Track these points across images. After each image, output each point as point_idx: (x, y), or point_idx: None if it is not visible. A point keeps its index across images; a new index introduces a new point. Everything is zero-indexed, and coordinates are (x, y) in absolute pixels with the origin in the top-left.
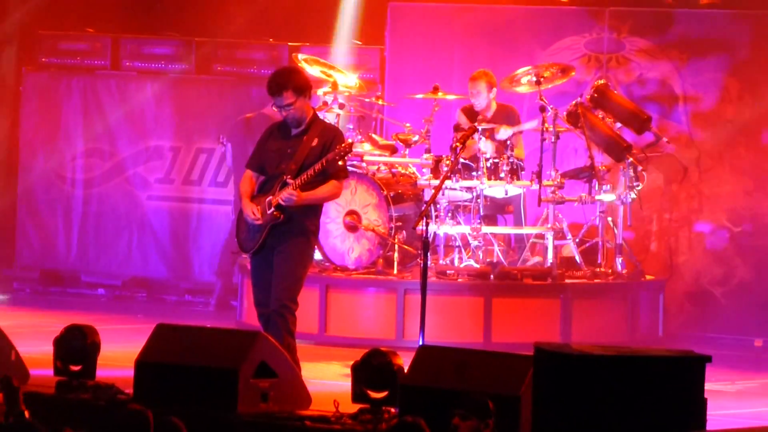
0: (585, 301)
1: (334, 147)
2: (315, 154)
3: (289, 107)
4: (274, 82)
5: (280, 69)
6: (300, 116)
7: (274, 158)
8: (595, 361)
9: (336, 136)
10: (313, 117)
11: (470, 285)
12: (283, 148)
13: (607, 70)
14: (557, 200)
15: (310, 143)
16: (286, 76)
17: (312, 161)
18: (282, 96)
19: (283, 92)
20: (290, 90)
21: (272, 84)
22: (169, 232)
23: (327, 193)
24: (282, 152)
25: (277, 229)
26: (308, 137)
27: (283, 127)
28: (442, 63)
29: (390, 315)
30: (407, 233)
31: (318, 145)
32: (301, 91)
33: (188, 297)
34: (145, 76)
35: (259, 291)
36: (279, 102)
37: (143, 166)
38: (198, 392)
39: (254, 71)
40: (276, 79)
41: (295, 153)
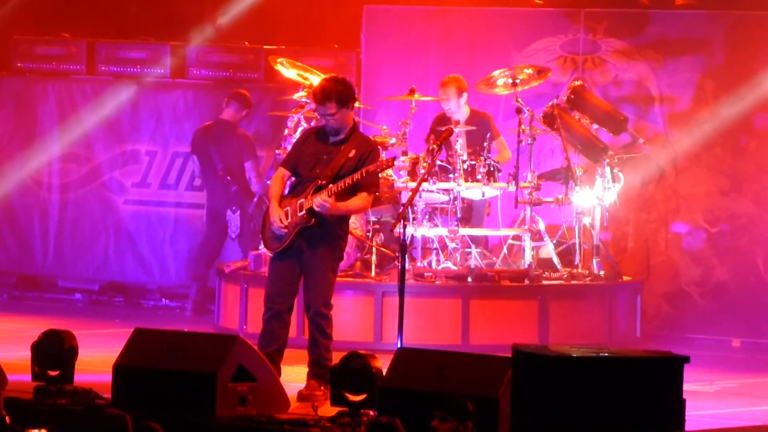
0: (563, 303)
1: (370, 160)
2: (351, 164)
3: (330, 117)
4: (320, 91)
5: (327, 78)
6: (339, 126)
7: (309, 161)
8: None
9: (373, 150)
10: (353, 128)
11: (448, 287)
12: (320, 153)
13: (583, 71)
14: (534, 202)
15: (347, 153)
16: (332, 86)
17: (347, 171)
18: (325, 106)
19: (327, 102)
20: (334, 101)
21: (318, 93)
22: (145, 237)
23: (359, 206)
24: (318, 157)
25: (307, 232)
26: (346, 147)
27: (322, 133)
28: (418, 65)
29: (368, 318)
30: (385, 236)
31: (355, 157)
32: (345, 102)
33: (166, 301)
34: (121, 81)
35: (276, 288)
36: (322, 111)
37: (119, 171)
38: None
39: (230, 75)
40: (322, 88)
41: (331, 160)
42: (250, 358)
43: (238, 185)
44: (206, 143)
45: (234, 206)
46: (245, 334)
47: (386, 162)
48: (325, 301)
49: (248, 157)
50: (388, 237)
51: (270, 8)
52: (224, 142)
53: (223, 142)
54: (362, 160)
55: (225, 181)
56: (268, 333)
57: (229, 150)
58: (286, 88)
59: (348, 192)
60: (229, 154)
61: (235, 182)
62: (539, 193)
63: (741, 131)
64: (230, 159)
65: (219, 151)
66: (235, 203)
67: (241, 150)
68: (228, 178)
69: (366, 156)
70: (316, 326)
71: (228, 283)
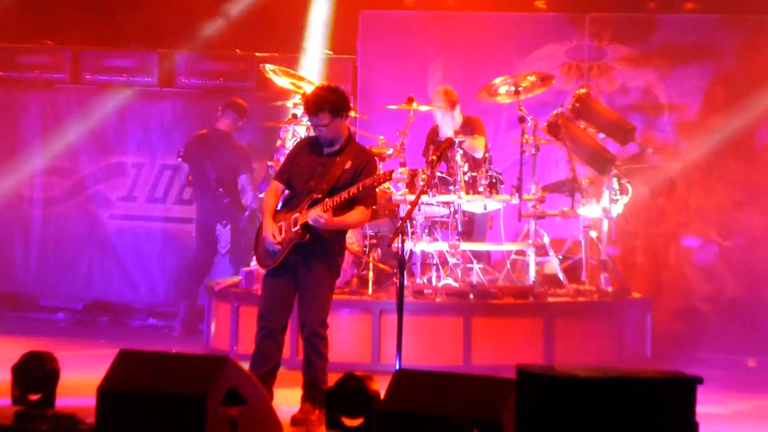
0: (569, 321)
1: (366, 172)
2: (347, 177)
3: (324, 127)
4: (313, 101)
5: (319, 88)
6: (333, 136)
7: (304, 174)
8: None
9: (370, 162)
10: (348, 138)
11: (449, 305)
12: (314, 165)
13: (589, 78)
14: (538, 215)
15: (343, 165)
16: (324, 96)
17: (343, 184)
18: (318, 116)
19: (320, 113)
20: (327, 111)
21: (310, 103)
22: (132, 253)
23: (356, 221)
24: (312, 169)
25: (302, 248)
26: (342, 158)
27: (316, 144)
28: (416, 73)
29: (365, 337)
30: (382, 251)
31: (351, 168)
32: (338, 112)
33: (153, 321)
34: (107, 90)
35: (269, 306)
36: (314, 121)
37: (105, 184)
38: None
39: (221, 83)
40: (314, 98)
41: (326, 172)
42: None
43: (230, 198)
44: (200, 152)
45: (225, 220)
46: (236, 355)
47: (384, 175)
48: (321, 320)
49: (244, 169)
50: (386, 252)
51: (262, 14)
52: (219, 153)
53: (218, 152)
54: (358, 172)
55: (217, 193)
56: (260, 354)
57: (224, 161)
58: (279, 98)
59: (345, 206)
60: (224, 166)
61: (228, 195)
62: (544, 205)
63: (754, 140)
64: (224, 170)
65: (213, 161)
66: (226, 217)
67: (236, 161)
68: (220, 190)
69: (362, 167)
70: (312, 346)
71: (218, 301)
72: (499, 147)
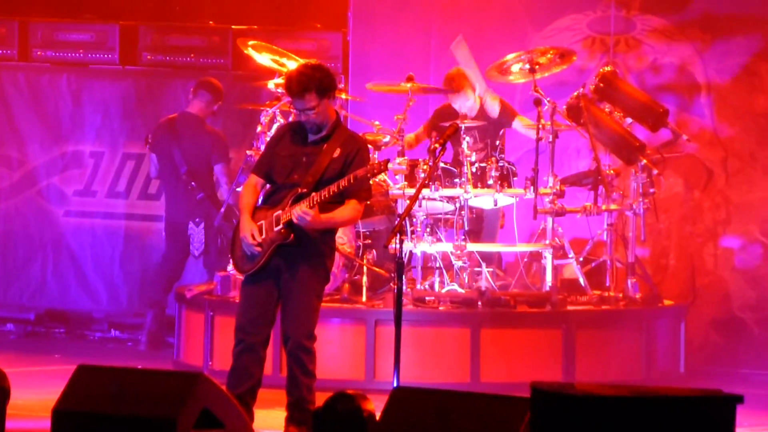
0: (591, 332)
1: (358, 161)
2: (335, 167)
3: (310, 111)
4: (296, 81)
5: (302, 66)
6: (322, 121)
7: (286, 166)
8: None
9: (361, 149)
10: (336, 122)
11: (454, 314)
12: (297, 156)
13: (615, 54)
14: (557, 211)
15: (331, 153)
16: (309, 74)
17: (331, 175)
18: (303, 98)
19: (305, 94)
20: (314, 91)
21: (293, 84)
22: (91, 255)
23: (346, 217)
24: (296, 160)
25: (285, 250)
26: (329, 146)
27: (300, 130)
28: (416, 49)
29: (358, 350)
30: (378, 253)
31: (340, 157)
32: (326, 91)
33: (115, 332)
34: (61, 68)
35: (248, 316)
36: (300, 105)
37: (59, 176)
38: None
39: (192, 60)
40: (298, 77)
41: (312, 163)
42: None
43: (204, 192)
44: (169, 140)
45: (198, 218)
46: (211, 371)
47: (379, 165)
48: (307, 331)
49: (218, 158)
50: (382, 254)
51: None
52: (191, 140)
53: (189, 139)
54: (348, 161)
55: (189, 187)
56: (239, 370)
57: (196, 149)
58: (258, 77)
59: (334, 200)
60: (196, 155)
61: (201, 188)
62: (563, 200)
63: None
64: (197, 160)
65: (184, 150)
66: (199, 214)
67: (209, 150)
68: (193, 183)
69: (353, 156)
70: (297, 362)
71: (190, 310)
72: (511, 133)
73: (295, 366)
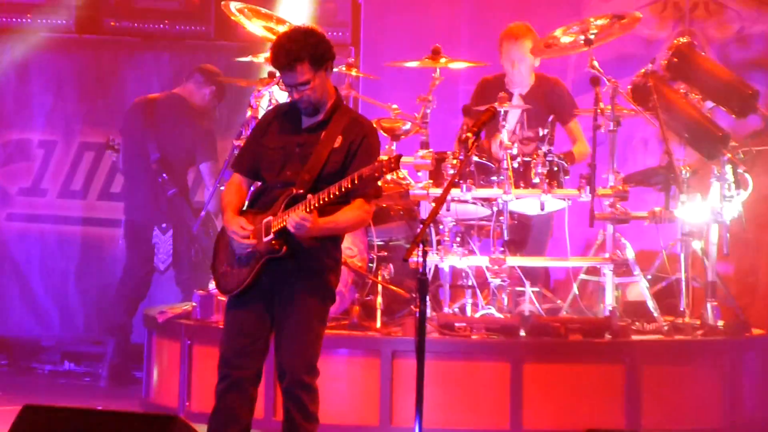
0: (661, 368)
1: (363, 151)
2: (337, 160)
3: (304, 87)
4: (284, 49)
5: (291, 31)
6: (318, 99)
7: (275, 160)
8: None
9: (367, 135)
10: (336, 102)
11: (490, 344)
12: (290, 147)
13: (692, 21)
14: (619, 217)
15: (330, 142)
16: (301, 40)
17: (332, 170)
18: (295, 71)
19: (297, 65)
20: (307, 61)
21: (281, 53)
22: (39, 268)
23: (352, 220)
24: (288, 152)
25: (278, 264)
26: (328, 133)
27: (291, 114)
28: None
29: (371, 389)
30: (396, 267)
31: (341, 147)
32: (322, 60)
33: (70, 365)
34: (4, 37)
35: (234, 346)
36: (290, 79)
37: (0, 171)
38: None
39: (166, 27)
40: (287, 45)
41: (308, 155)
42: None
43: (176, 188)
44: (143, 122)
45: (165, 222)
46: (188, 414)
47: (388, 162)
48: (308, 364)
49: (205, 155)
50: (401, 269)
51: None
52: (172, 126)
53: (170, 124)
54: (352, 151)
55: (159, 180)
56: (223, 412)
57: (176, 137)
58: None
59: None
60: (174, 143)
61: (174, 184)
62: (626, 204)
63: None
64: (174, 150)
65: (160, 136)
66: (168, 217)
67: (193, 143)
68: (164, 175)
69: (358, 144)
70: (295, 402)
71: (162, 337)
72: None
73: (293, 408)
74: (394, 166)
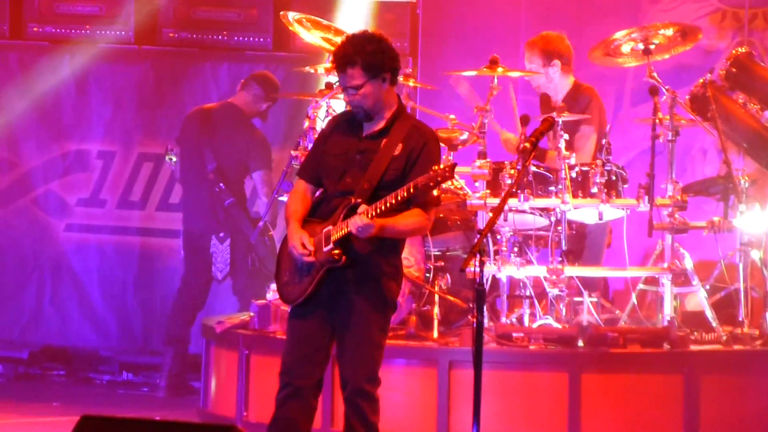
0: (720, 378)
1: (423, 159)
2: (397, 167)
3: (354, 90)
4: (341, 51)
5: (353, 34)
6: (370, 106)
7: (337, 167)
8: None
9: (428, 143)
10: (397, 111)
11: (548, 354)
12: (350, 154)
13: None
14: (677, 227)
15: (391, 150)
16: (358, 44)
17: (392, 178)
18: (346, 73)
19: (348, 68)
20: (359, 66)
21: (339, 52)
22: (98, 279)
23: (412, 225)
24: (348, 160)
25: (339, 274)
26: (389, 141)
27: (353, 122)
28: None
29: (428, 399)
30: (453, 278)
31: (401, 154)
32: (377, 70)
33: (128, 375)
34: (62, 48)
35: (296, 355)
36: (342, 80)
37: (59, 182)
38: None
39: (224, 38)
40: (344, 47)
41: (368, 163)
42: None
43: (234, 197)
44: (200, 132)
45: (222, 232)
46: (246, 424)
47: (443, 171)
48: (369, 374)
49: (259, 164)
50: (458, 279)
51: None
52: (228, 135)
53: (226, 133)
54: (411, 159)
55: (216, 190)
56: (282, 422)
57: (232, 147)
58: (306, 59)
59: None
60: (231, 153)
61: (231, 193)
62: (685, 214)
63: None
64: (230, 159)
65: (216, 145)
66: (225, 227)
67: (248, 151)
68: (221, 185)
69: (418, 152)
70: (356, 411)
71: (220, 347)
72: (621, 129)
73: (353, 417)
74: (449, 175)
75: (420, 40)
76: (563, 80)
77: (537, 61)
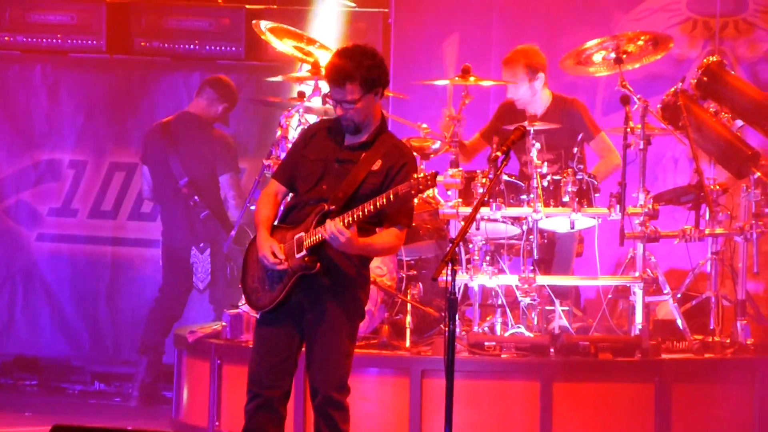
0: (691, 387)
1: (401, 179)
2: (374, 182)
3: (350, 105)
4: (338, 66)
5: (349, 48)
6: (361, 120)
7: (313, 171)
8: None
9: (407, 164)
10: (380, 126)
11: (520, 363)
12: (329, 160)
13: (722, 41)
14: (649, 236)
15: (369, 164)
16: (357, 60)
17: (367, 192)
18: (344, 88)
19: (347, 83)
20: (358, 82)
21: (334, 69)
22: (70, 289)
23: (387, 245)
24: (326, 166)
25: (310, 281)
26: (369, 155)
27: (336, 130)
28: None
29: (400, 409)
30: (425, 286)
31: (380, 171)
32: (373, 84)
33: (100, 385)
34: (34, 57)
35: (265, 365)
36: (338, 95)
37: (31, 191)
38: None
39: (196, 47)
40: (341, 62)
41: (345, 173)
42: None
43: (209, 209)
44: (164, 147)
45: (202, 242)
46: None
47: (425, 179)
48: (339, 383)
49: (225, 167)
50: (430, 288)
51: None
52: (191, 145)
53: (189, 144)
54: (390, 177)
55: (191, 203)
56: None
57: (199, 156)
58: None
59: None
60: (198, 163)
61: (206, 205)
62: (656, 222)
63: None
64: (199, 170)
65: (183, 157)
66: (204, 237)
67: (214, 157)
68: (195, 198)
69: (396, 171)
70: (326, 420)
71: (193, 357)
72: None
73: (324, 426)
74: (431, 184)
75: (392, 49)
76: (544, 93)
77: (521, 75)
